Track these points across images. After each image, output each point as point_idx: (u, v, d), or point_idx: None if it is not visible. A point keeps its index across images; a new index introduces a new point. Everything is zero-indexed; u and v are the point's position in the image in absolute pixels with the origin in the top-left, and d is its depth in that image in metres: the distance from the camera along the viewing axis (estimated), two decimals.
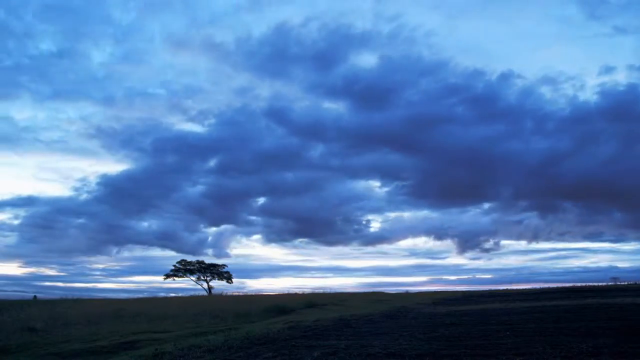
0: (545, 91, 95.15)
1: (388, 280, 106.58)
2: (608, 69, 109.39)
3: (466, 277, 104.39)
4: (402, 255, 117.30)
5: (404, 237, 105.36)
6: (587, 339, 9.53)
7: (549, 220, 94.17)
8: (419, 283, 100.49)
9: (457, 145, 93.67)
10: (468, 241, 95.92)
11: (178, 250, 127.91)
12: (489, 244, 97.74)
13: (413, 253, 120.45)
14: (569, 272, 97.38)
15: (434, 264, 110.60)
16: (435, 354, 8.64)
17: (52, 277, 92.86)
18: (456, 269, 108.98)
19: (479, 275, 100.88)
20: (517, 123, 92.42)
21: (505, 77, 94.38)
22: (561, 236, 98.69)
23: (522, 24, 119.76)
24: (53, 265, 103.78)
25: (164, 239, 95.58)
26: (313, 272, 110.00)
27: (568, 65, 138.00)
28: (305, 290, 52.57)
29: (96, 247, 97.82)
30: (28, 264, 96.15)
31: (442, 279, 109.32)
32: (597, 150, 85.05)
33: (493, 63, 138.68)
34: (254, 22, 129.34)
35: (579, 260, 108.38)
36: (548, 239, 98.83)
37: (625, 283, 55.57)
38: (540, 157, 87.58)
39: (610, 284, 56.61)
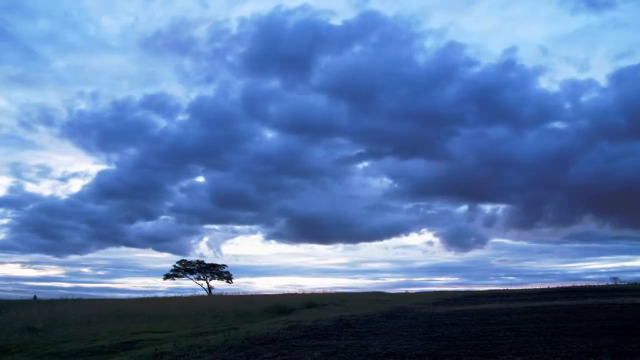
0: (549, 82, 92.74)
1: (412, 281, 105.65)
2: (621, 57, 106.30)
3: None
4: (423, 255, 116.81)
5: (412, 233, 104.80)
6: (587, 339, 9.53)
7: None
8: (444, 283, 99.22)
9: (455, 141, 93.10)
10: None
11: (167, 250, 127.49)
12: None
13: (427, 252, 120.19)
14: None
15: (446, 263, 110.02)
16: (435, 354, 8.64)
17: (43, 278, 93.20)
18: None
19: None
20: (519, 117, 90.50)
21: (507, 67, 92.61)
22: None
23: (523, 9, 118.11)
24: (44, 266, 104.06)
25: (155, 241, 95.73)
26: (313, 272, 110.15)
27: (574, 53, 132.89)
28: (306, 290, 52.65)
29: (89, 247, 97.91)
30: (19, 263, 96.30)
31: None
32: (604, 147, 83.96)
33: (492, 51, 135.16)
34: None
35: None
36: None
37: (626, 283, 55.61)
38: (546, 153, 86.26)
39: (610, 284, 56.64)
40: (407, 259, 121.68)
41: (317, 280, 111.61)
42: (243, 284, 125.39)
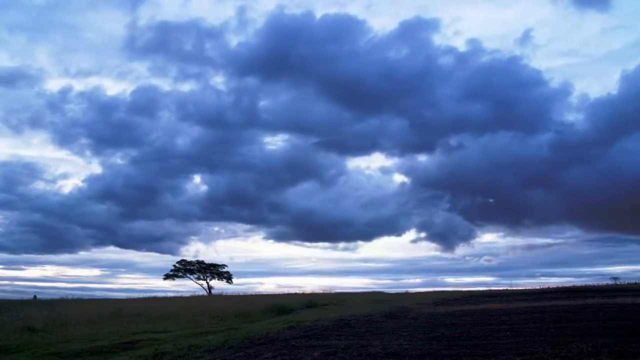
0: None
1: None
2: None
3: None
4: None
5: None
6: (587, 339, 9.52)
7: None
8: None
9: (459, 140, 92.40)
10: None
11: (165, 251, 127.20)
12: None
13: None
14: None
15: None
16: (435, 354, 8.65)
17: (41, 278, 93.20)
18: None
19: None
20: (524, 115, 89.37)
21: (512, 61, 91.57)
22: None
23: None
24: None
25: (154, 241, 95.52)
26: (313, 272, 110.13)
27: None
28: (306, 290, 52.67)
29: (88, 248, 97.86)
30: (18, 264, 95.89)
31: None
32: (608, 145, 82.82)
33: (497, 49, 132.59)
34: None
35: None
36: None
37: (626, 283, 55.61)
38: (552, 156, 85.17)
39: (610, 283, 56.64)
40: (409, 258, 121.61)
41: (317, 280, 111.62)
42: (243, 285, 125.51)
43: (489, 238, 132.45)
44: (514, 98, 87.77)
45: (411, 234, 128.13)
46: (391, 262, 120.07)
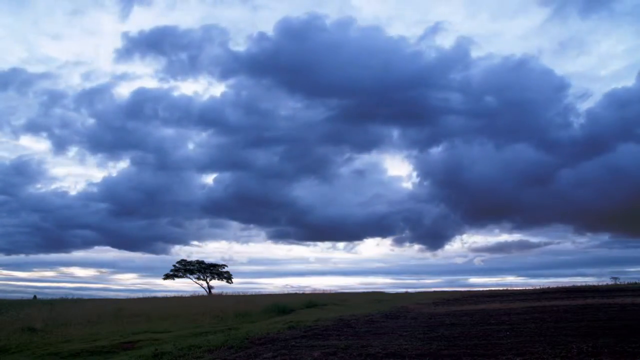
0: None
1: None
2: None
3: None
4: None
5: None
6: (587, 339, 9.52)
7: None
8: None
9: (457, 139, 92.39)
10: None
11: (164, 251, 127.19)
12: None
13: None
14: None
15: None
16: (435, 354, 8.65)
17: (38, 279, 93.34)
18: None
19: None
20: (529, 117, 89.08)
21: (513, 61, 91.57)
22: None
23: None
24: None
25: (154, 242, 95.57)
26: (313, 272, 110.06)
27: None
28: (306, 290, 52.67)
29: (88, 248, 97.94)
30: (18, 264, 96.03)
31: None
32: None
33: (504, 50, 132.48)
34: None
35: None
36: None
37: (626, 283, 55.58)
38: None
39: (610, 283, 56.63)
40: (409, 257, 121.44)
41: (317, 279, 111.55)
42: (244, 285, 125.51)
43: (499, 238, 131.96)
44: (516, 98, 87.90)
45: (412, 234, 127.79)
46: (391, 261, 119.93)
